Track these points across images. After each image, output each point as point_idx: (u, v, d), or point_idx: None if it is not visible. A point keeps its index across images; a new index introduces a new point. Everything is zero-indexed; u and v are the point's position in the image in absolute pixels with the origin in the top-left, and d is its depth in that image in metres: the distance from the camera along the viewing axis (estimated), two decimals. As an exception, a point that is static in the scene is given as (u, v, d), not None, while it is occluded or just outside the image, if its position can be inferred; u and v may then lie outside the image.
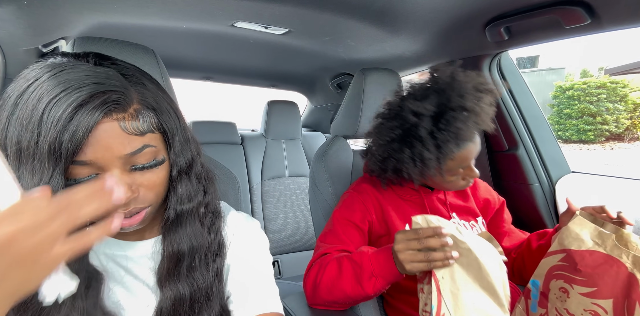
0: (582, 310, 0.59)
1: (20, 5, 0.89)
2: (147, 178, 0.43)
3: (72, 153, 0.37)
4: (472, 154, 0.76)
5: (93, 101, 0.37)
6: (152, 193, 0.44)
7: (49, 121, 0.36)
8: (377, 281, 0.66)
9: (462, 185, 0.82)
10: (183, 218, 0.50)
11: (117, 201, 0.34)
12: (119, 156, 0.40)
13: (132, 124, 0.40)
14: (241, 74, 2.08)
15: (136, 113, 0.41)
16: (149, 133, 0.42)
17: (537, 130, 1.23)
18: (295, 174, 2.09)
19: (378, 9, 0.98)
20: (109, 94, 0.38)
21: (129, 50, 0.73)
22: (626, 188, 1.06)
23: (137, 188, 0.42)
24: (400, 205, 0.87)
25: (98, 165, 0.39)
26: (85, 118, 0.36)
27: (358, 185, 0.91)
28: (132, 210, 0.42)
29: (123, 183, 0.40)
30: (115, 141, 0.39)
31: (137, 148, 0.41)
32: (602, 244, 0.60)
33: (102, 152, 0.39)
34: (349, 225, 0.83)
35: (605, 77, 9.00)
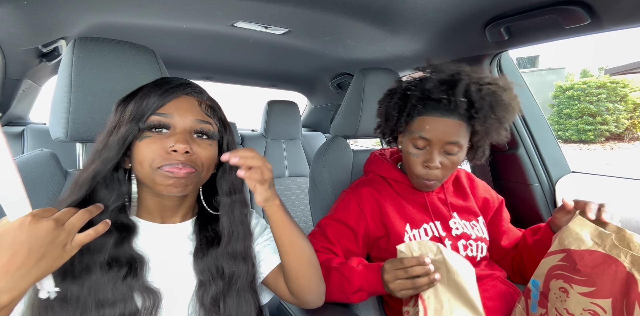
0: (582, 310, 0.59)
1: (20, 5, 0.89)
2: (203, 147, 0.55)
3: (158, 107, 0.53)
4: (435, 130, 0.76)
5: (181, 86, 0.56)
6: (201, 159, 0.55)
7: (154, 93, 0.54)
8: (363, 294, 0.71)
9: (423, 174, 0.80)
10: (230, 201, 0.61)
11: (179, 148, 0.51)
12: (190, 118, 0.54)
13: (205, 106, 0.58)
14: (241, 74, 2.08)
15: (207, 105, 0.58)
16: (211, 120, 0.58)
17: (537, 130, 1.23)
18: (295, 174, 2.09)
19: (378, 9, 0.98)
20: (194, 86, 0.58)
21: (129, 50, 0.74)
22: (626, 188, 1.06)
23: (192, 149, 0.53)
24: (401, 204, 0.87)
25: (170, 120, 0.53)
26: (176, 91, 0.55)
27: (357, 186, 0.91)
28: (184, 162, 0.53)
29: (185, 140, 0.52)
30: (191, 108, 0.55)
31: (204, 120, 0.56)
32: (601, 244, 0.60)
33: (178, 111, 0.54)
34: (340, 226, 0.84)
35: (605, 77, 9.00)
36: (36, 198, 0.65)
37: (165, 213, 0.61)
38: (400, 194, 0.89)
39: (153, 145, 0.52)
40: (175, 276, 0.57)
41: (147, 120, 0.53)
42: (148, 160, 0.52)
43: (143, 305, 0.52)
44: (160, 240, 0.59)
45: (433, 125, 0.77)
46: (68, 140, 0.72)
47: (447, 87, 0.76)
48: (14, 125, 1.68)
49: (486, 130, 0.78)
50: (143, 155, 0.52)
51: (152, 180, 0.53)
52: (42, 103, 1.78)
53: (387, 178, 0.91)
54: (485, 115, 0.76)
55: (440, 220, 0.86)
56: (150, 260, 0.56)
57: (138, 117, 0.52)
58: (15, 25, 0.98)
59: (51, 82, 1.66)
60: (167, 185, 0.53)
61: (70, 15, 1.04)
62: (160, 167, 0.52)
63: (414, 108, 0.80)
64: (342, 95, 1.85)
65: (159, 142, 0.52)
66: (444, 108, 0.76)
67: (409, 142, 0.81)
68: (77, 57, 0.69)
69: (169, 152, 0.52)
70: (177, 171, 0.52)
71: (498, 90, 0.76)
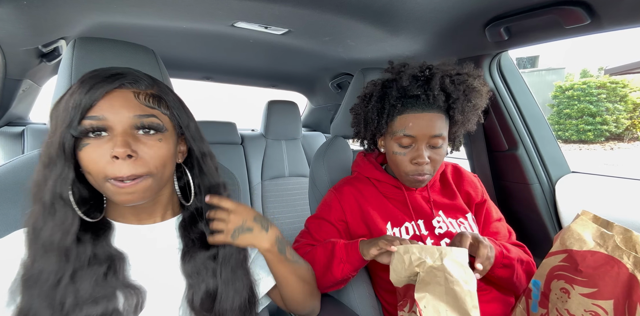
0: (583, 311, 0.59)
1: (20, 6, 0.89)
2: (150, 145, 0.50)
3: (87, 109, 0.47)
4: (418, 126, 0.78)
5: (109, 79, 0.49)
6: (152, 161, 0.50)
7: (80, 91, 0.47)
8: (345, 267, 0.74)
9: (414, 170, 0.80)
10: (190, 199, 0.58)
11: (119, 153, 0.45)
12: (127, 116, 0.48)
13: (144, 97, 0.50)
14: (241, 74, 2.08)
15: (150, 94, 0.51)
16: (156, 111, 0.51)
17: (537, 130, 1.23)
18: (295, 174, 2.09)
19: (378, 9, 0.98)
20: (127, 76, 0.50)
21: (129, 50, 0.73)
22: (626, 188, 1.06)
23: (137, 150, 0.48)
24: (383, 203, 0.88)
25: (105, 122, 0.47)
26: (104, 86, 0.48)
27: (340, 185, 0.93)
28: (133, 171, 0.48)
29: (125, 143, 0.47)
30: (125, 103, 0.49)
31: (145, 114, 0.49)
32: (603, 245, 0.60)
33: (111, 110, 0.47)
34: (322, 223, 0.88)
35: (605, 77, 9.00)
36: (36, 198, 0.65)
37: (141, 216, 0.58)
38: (384, 193, 0.90)
39: (93, 154, 0.47)
40: (161, 275, 0.56)
41: (78, 126, 0.46)
42: (94, 171, 0.47)
43: (126, 302, 0.50)
44: (140, 239, 0.57)
45: (415, 122, 0.78)
46: (68, 140, 0.71)
47: (422, 82, 0.79)
48: (14, 125, 1.68)
49: (464, 118, 0.82)
50: (87, 166, 0.48)
51: (106, 193, 0.50)
52: (42, 103, 1.78)
53: (371, 178, 0.93)
54: (462, 104, 0.79)
55: (422, 218, 0.87)
56: (131, 259, 0.54)
57: (68, 122, 0.46)
58: (15, 25, 0.97)
59: (51, 82, 1.66)
60: (123, 199, 0.49)
61: (70, 15, 1.04)
62: (107, 177, 0.47)
63: (394, 108, 0.81)
64: (342, 95, 1.84)
65: (98, 149, 0.47)
66: (423, 103, 0.78)
67: (393, 142, 0.82)
68: (77, 57, 0.69)
69: (112, 158, 0.47)
70: (124, 185, 0.48)
71: (469, 78, 0.80)
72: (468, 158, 1.40)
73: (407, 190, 0.89)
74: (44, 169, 0.48)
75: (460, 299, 0.61)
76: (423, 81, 0.79)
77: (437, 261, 0.64)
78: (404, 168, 0.81)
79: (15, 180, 0.65)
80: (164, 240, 0.58)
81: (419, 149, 0.79)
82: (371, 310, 0.86)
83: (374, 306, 0.87)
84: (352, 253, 0.74)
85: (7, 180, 0.64)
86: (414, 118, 0.78)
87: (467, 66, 0.82)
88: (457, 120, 0.82)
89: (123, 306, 0.50)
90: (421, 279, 0.65)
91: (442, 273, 0.63)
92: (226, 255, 0.58)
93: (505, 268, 0.76)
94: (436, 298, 0.63)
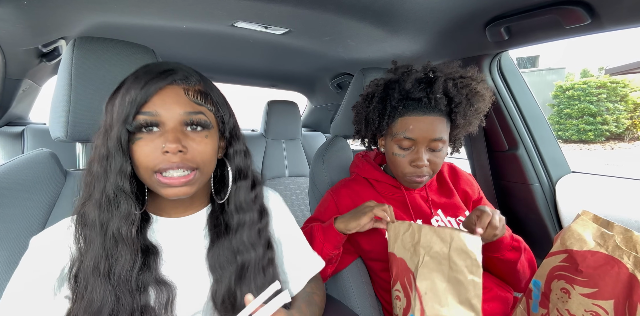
0: (583, 311, 0.59)
1: (20, 5, 0.89)
2: (198, 141, 0.52)
3: (142, 104, 0.49)
4: (419, 129, 0.78)
5: (162, 75, 0.51)
6: (199, 156, 0.52)
7: (135, 87, 0.49)
8: (325, 246, 0.77)
9: (412, 172, 0.80)
10: (236, 187, 0.60)
11: (171, 149, 0.48)
12: (178, 112, 0.50)
13: (192, 93, 0.52)
14: (241, 74, 2.08)
15: (198, 91, 0.53)
16: (204, 107, 0.53)
17: (537, 130, 1.23)
18: (295, 174, 2.09)
19: (378, 9, 0.98)
20: (178, 72, 0.52)
21: (129, 50, 0.73)
22: (626, 188, 1.05)
23: (187, 145, 0.50)
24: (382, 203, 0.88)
25: (158, 118, 0.50)
26: (157, 82, 0.50)
27: (337, 187, 0.94)
28: (180, 164, 0.50)
29: (176, 139, 0.49)
30: (176, 99, 0.51)
31: (194, 111, 0.52)
32: (603, 245, 0.60)
33: (164, 106, 0.50)
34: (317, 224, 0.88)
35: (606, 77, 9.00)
36: (36, 198, 0.65)
37: (178, 209, 0.60)
38: (382, 193, 0.91)
39: (146, 148, 0.50)
40: (189, 270, 0.56)
41: (133, 121, 0.49)
42: (144, 164, 0.50)
43: (157, 298, 0.51)
44: (174, 234, 0.58)
45: (416, 125, 0.78)
46: (68, 140, 0.71)
47: (425, 86, 0.79)
48: (14, 125, 1.68)
49: (466, 122, 0.82)
50: (139, 159, 0.50)
51: (154, 186, 0.52)
52: (42, 103, 1.78)
53: (369, 179, 0.93)
54: (464, 109, 0.79)
55: (421, 218, 0.87)
56: (164, 254, 0.55)
57: (124, 117, 0.49)
58: (15, 25, 0.98)
59: (51, 82, 1.66)
60: (170, 192, 0.51)
61: (70, 15, 1.04)
62: (157, 170, 0.50)
63: (395, 110, 0.81)
64: (342, 95, 1.84)
65: (150, 143, 0.50)
66: (424, 106, 0.78)
67: (393, 143, 0.82)
68: (77, 56, 0.69)
69: (163, 153, 0.49)
70: (172, 179, 0.50)
71: (472, 82, 0.79)
72: (468, 158, 1.40)
73: (407, 190, 0.90)
74: (102, 161, 0.50)
75: (463, 288, 0.61)
76: (426, 84, 0.79)
77: (444, 249, 0.63)
78: (403, 170, 0.82)
79: (16, 179, 0.64)
80: (194, 233, 0.59)
81: (419, 152, 0.79)
82: (371, 310, 0.86)
83: (374, 306, 0.87)
84: (329, 231, 0.77)
85: (7, 180, 0.64)
86: (415, 121, 0.78)
87: (470, 69, 0.82)
88: (459, 124, 0.82)
89: (154, 302, 0.51)
90: (424, 264, 0.65)
91: (447, 261, 0.63)
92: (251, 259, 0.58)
93: (514, 251, 0.78)
94: (438, 285, 0.63)
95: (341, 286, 0.89)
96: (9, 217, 0.61)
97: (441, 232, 0.65)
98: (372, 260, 0.90)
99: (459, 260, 0.62)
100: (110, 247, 0.49)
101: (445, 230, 0.65)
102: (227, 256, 0.57)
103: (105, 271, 0.49)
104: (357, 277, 0.90)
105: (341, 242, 0.79)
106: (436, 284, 0.63)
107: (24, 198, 0.64)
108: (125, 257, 0.49)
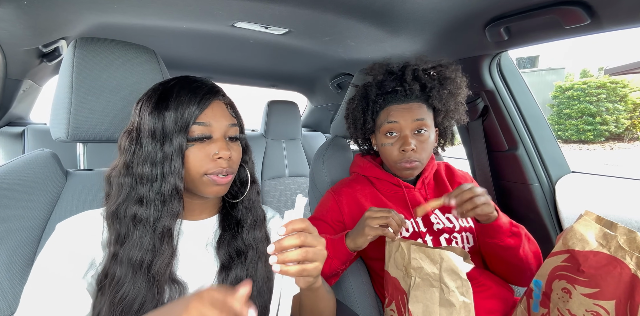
0: (584, 311, 0.59)
1: (21, 6, 0.89)
2: (235, 149, 0.60)
3: (197, 116, 0.55)
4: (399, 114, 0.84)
5: (212, 91, 0.59)
6: (237, 162, 0.60)
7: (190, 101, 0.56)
8: (333, 262, 0.77)
9: (402, 158, 0.84)
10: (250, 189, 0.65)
11: (224, 155, 0.56)
12: (225, 124, 0.58)
13: (229, 108, 0.61)
14: (241, 74, 2.08)
15: (231, 105, 0.62)
16: (236, 120, 0.61)
17: (537, 130, 1.23)
18: (295, 174, 2.09)
19: (378, 9, 0.98)
20: (220, 90, 0.61)
21: (129, 50, 0.74)
22: (626, 188, 1.06)
23: (231, 153, 0.57)
24: (381, 201, 0.90)
25: (210, 128, 0.57)
26: (210, 98, 0.58)
27: (338, 186, 0.95)
28: (227, 169, 0.57)
29: (226, 147, 0.57)
30: (223, 113, 0.59)
31: (233, 123, 0.60)
32: (606, 245, 0.59)
33: (214, 118, 0.57)
34: (319, 224, 0.89)
35: (605, 77, 9.00)
36: (37, 198, 0.65)
37: (194, 212, 0.63)
38: (382, 191, 0.92)
39: (199, 154, 0.56)
40: (201, 269, 0.59)
41: (190, 131, 0.55)
42: (196, 168, 0.56)
43: (170, 297, 0.54)
44: (188, 235, 0.61)
45: (397, 111, 0.85)
46: (69, 140, 0.72)
47: (396, 76, 0.87)
48: (14, 125, 1.68)
49: (445, 105, 0.88)
50: (191, 163, 0.56)
51: (197, 185, 0.57)
52: (42, 103, 1.78)
53: (369, 177, 0.94)
54: (439, 92, 0.86)
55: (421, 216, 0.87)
56: (179, 254, 0.58)
57: (184, 126, 0.55)
58: (15, 25, 0.98)
59: (52, 82, 1.66)
60: (212, 191, 0.57)
61: (71, 15, 1.04)
62: (207, 173, 0.56)
63: (376, 104, 0.88)
64: (342, 95, 1.85)
65: (203, 150, 0.56)
66: (401, 95, 0.86)
67: (381, 134, 0.88)
68: (78, 57, 0.69)
69: (214, 159, 0.56)
70: (221, 179, 0.57)
71: (442, 68, 0.87)
72: (468, 158, 1.40)
73: (406, 188, 0.90)
74: (158, 166, 0.55)
75: (455, 311, 0.61)
76: (399, 75, 0.86)
77: (434, 270, 0.64)
78: (394, 158, 0.85)
79: (16, 180, 0.64)
80: (207, 236, 0.63)
81: (405, 137, 0.84)
82: (371, 310, 0.86)
83: (374, 306, 0.87)
84: (339, 248, 0.76)
85: (8, 179, 0.64)
86: (396, 108, 0.85)
87: (443, 59, 0.89)
88: (439, 109, 0.88)
89: (167, 300, 0.53)
90: (416, 286, 0.66)
91: (439, 283, 0.63)
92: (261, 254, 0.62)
93: (514, 237, 0.78)
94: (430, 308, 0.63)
95: (341, 286, 0.89)
96: (10, 217, 0.61)
97: (430, 252, 0.66)
98: (372, 260, 0.90)
99: (450, 281, 0.63)
100: (157, 242, 0.53)
101: (435, 250, 0.66)
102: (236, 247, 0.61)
103: (147, 264, 0.52)
104: (357, 277, 0.90)
105: (350, 259, 0.78)
106: (428, 307, 0.64)
107: (25, 198, 0.64)
108: (167, 252, 0.54)
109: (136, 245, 0.52)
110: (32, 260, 0.61)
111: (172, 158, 0.54)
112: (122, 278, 0.51)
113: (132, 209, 0.54)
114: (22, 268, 0.60)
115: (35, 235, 0.63)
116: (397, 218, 0.71)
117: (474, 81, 1.22)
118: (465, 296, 0.62)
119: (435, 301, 0.63)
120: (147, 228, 0.53)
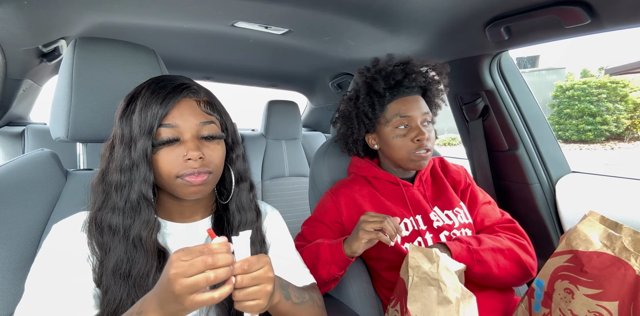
0: (587, 311, 0.58)
1: (21, 5, 0.89)
2: (212, 148, 0.57)
3: (163, 117, 0.53)
4: (409, 107, 0.86)
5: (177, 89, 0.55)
6: (214, 161, 0.57)
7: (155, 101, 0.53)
8: (331, 268, 0.76)
9: (417, 148, 0.84)
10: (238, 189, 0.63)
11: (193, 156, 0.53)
12: (194, 123, 0.55)
13: (203, 105, 0.57)
14: (241, 74, 2.08)
15: (206, 102, 0.58)
16: (213, 117, 0.58)
17: (537, 130, 1.23)
18: (295, 174, 2.09)
19: (378, 9, 0.98)
20: (190, 86, 0.57)
21: (129, 50, 0.73)
22: (626, 188, 1.06)
23: (204, 153, 0.55)
24: (380, 201, 0.89)
25: (177, 129, 0.54)
26: (175, 96, 0.54)
27: (336, 187, 0.95)
28: (200, 169, 0.54)
29: (196, 147, 0.54)
30: (192, 111, 0.55)
31: (207, 121, 0.56)
32: (610, 246, 0.59)
33: (182, 118, 0.54)
34: (317, 225, 0.89)
35: (606, 77, 9.00)
36: (37, 198, 0.65)
37: (185, 214, 0.62)
38: (380, 191, 0.92)
39: (168, 157, 0.54)
40: None
41: (156, 134, 0.54)
42: (166, 171, 0.54)
43: None
44: (178, 237, 0.60)
45: (407, 104, 0.87)
46: (69, 140, 0.71)
47: (402, 68, 0.89)
48: (14, 125, 1.68)
49: (437, 100, 0.95)
50: (161, 167, 0.54)
51: (173, 188, 0.55)
52: (42, 103, 1.78)
53: (367, 177, 0.94)
54: (436, 88, 0.92)
55: (420, 213, 0.87)
56: None
57: (147, 129, 0.53)
58: (15, 25, 0.98)
59: (52, 82, 1.66)
60: (189, 192, 0.55)
61: (71, 15, 1.04)
62: (178, 176, 0.54)
63: (383, 98, 0.88)
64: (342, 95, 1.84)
65: (172, 152, 0.54)
66: (406, 86, 0.88)
67: (390, 128, 0.88)
68: (77, 57, 0.69)
69: (184, 160, 0.54)
70: (194, 179, 0.54)
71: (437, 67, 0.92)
72: (468, 158, 1.40)
73: (404, 186, 0.90)
74: (126, 172, 0.53)
75: (453, 308, 0.61)
76: (403, 67, 0.89)
77: (432, 269, 0.64)
78: (408, 149, 0.85)
79: (16, 180, 0.64)
80: (200, 238, 0.62)
81: (418, 127, 0.85)
82: (371, 310, 0.86)
83: (374, 306, 0.87)
84: (337, 254, 0.75)
85: (7, 180, 0.64)
86: (404, 101, 0.87)
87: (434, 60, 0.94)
88: (433, 102, 0.94)
89: None
90: (414, 285, 0.65)
91: (437, 281, 0.63)
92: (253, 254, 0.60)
93: (480, 264, 0.75)
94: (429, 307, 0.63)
95: (341, 286, 0.89)
96: (10, 217, 0.61)
97: (427, 251, 0.66)
98: (372, 260, 0.90)
99: (447, 279, 0.63)
100: (131, 251, 0.52)
101: (430, 250, 0.66)
102: None
103: (125, 273, 0.51)
104: (357, 277, 0.90)
105: (347, 265, 0.77)
106: (427, 306, 0.63)
107: (25, 198, 0.64)
108: (143, 260, 0.52)
109: (114, 253, 0.52)
110: (32, 260, 0.60)
111: (138, 164, 0.53)
112: (107, 287, 0.51)
113: (107, 217, 0.53)
114: (22, 268, 0.59)
115: (35, 234, 0.63)
116: (392, 223, 0.70)
117: (474, 81, 1.22)
118: (458, 292, 0.62)
119: (434, 300, 0.63)
120: (121, 237, 0.53)
